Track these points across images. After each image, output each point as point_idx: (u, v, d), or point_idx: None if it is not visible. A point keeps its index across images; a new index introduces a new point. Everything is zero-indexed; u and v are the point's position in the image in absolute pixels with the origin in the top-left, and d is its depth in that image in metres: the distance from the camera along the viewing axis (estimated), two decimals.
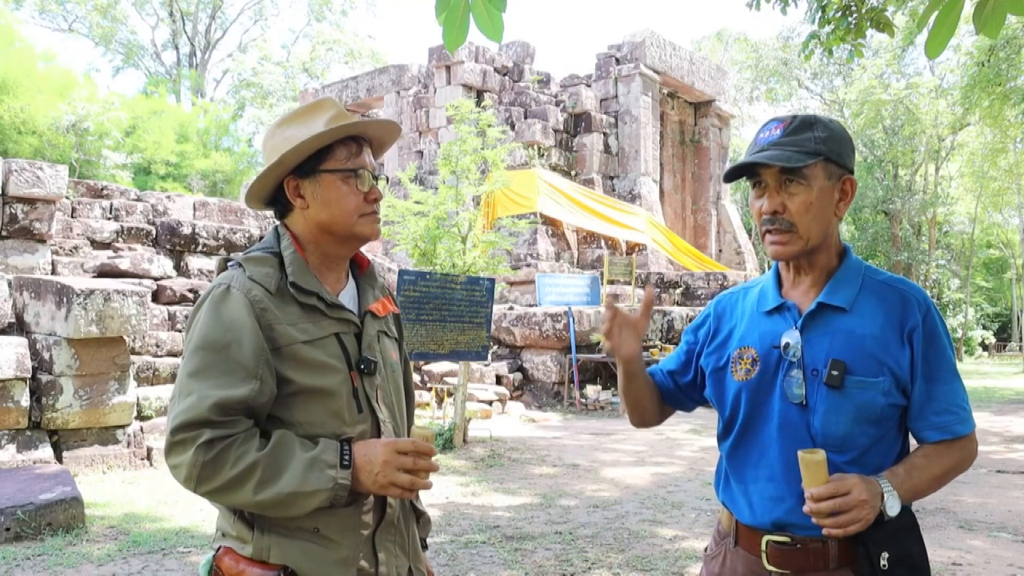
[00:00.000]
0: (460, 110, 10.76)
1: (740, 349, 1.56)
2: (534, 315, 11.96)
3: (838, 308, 1.48)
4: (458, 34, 2.37)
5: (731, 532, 1.58)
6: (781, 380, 1.49)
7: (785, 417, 1.48)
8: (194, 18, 38.47)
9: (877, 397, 1.43)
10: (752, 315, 1.58)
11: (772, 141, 1.46)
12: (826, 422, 1.44)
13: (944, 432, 1.46)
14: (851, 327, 1.46)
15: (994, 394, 15.68)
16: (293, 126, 1.47)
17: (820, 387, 1.45)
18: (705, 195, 21.72)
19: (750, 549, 1.53)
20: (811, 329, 1.49)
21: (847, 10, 6.34)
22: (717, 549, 1.62)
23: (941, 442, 1.47)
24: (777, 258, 1.52)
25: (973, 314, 39.64)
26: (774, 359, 1.50)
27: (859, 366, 1.43)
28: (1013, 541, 4.77)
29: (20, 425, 5.91)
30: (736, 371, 1.55)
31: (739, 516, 1.55)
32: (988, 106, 19.29)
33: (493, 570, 4.09)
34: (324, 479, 1.31)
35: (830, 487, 1.34)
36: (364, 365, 1.46)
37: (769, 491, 1.49)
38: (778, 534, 1.48)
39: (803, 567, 1.45)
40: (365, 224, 1.49)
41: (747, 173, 1.50)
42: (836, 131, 1.47)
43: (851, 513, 1.34)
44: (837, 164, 1.47)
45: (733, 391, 1.55)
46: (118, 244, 10.05)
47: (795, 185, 1.45)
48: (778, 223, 1.46)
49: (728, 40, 39.19)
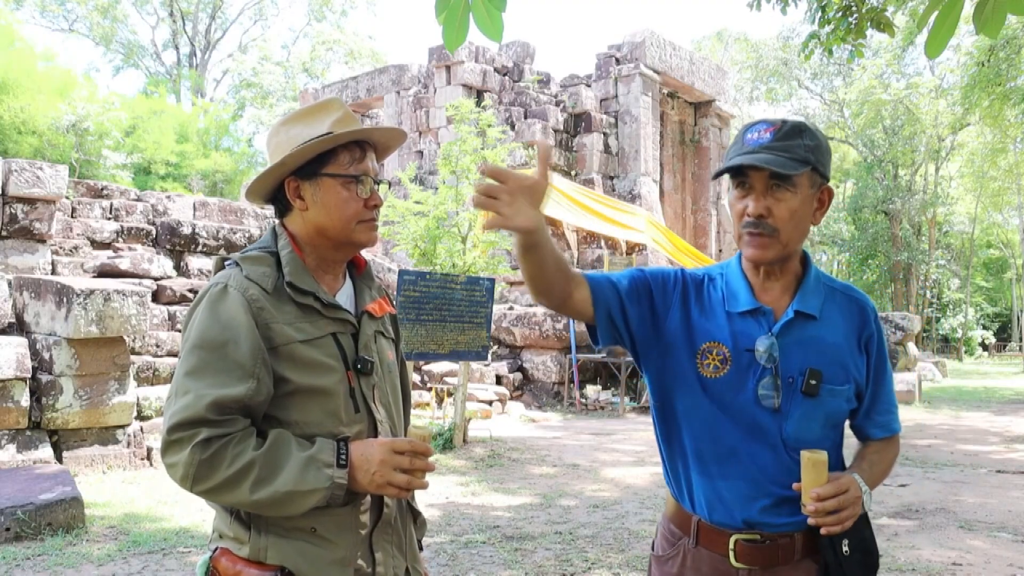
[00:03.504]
0: (460, 110, 10.76)
1: (709, 343, 1.53)
2: (534, 315, 11.96)
3: (810, 316, 1.52)
4: (458, 34, 2.37)
5: (690, 532, 1.56)
6: (753, 384, 1.49)
7: (755, 420, 1.49)
8: (194, 18, 38.47)
9: (842, 403, 1.53)
10: (720, 310, 1.56)
11: (763, 144, 1.46)
12: (799, 428, 1.49)
13: (886, 430, 1.62)
14: (822, 335, 1.52)
15: (994, 394, 15.68)
16: (298, 126, 1.47)
17: (796, 395, 1.48)
18: (705, 195, 21.72)
19: (714, 548, 1.52)
20: (787, 336, 1.50)
21: (847, 10, 6.34)
22: (673, 550, 1.59)
23: (883, 439, 1.62)
24: (754, 261, 1.52)
25: (973, 314, 39.64)
26: (746, 362, 1.50)
27: (830, 374, 1.51)
28: (1013, 541, 4.76)
29: (20, 425, 5.91)
30: (703, 366, 1.52)
31: (703, 511, 1.54)
32: (988, 106, 19.29)
33: (493, 570, 4.09)
34: (321, 478, 1.30)
35: (833, 486, 1.40)
36: (361, 365, 1.46)
37: (741, 490, 1.50)
38: (747, 532, 1.49)
39: (771, 562, 1.49)
40: (363, 231, 1.48)
41: (733, 173, 1.50)
42: (821, 141, 1.49)
43: (849, 510, 1.41)
44: (820, 174, 1.49)
45: (699, 385, 1.52)
46: (118, 244, 10.05)
47: (783, 191, 1.46)
48: (762, 227, 1.47)
49: (728, 40, 39.19)
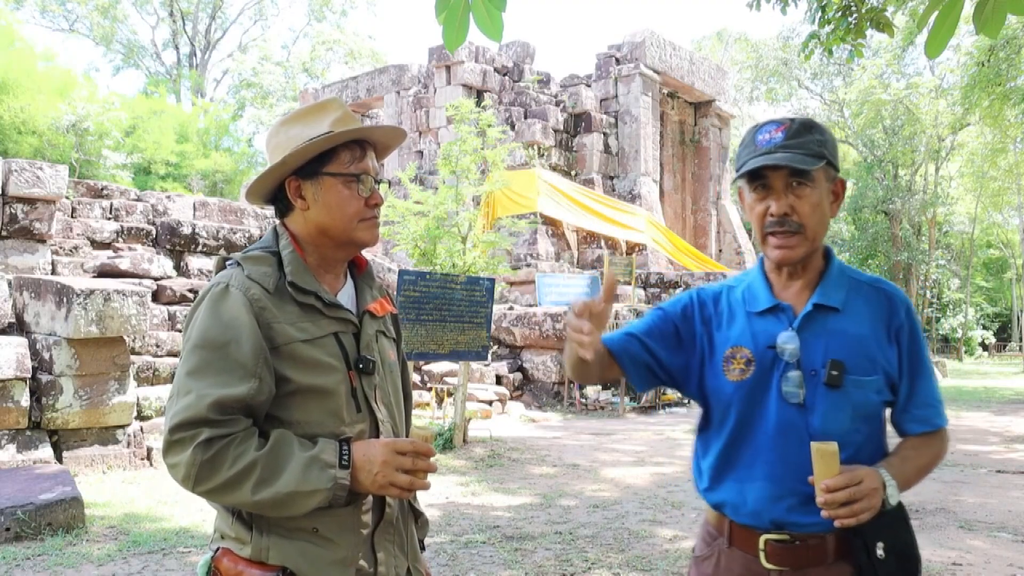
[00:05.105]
0: (460, 110, 10.77)
1: (732, 348, 1.55)
2: (534, 315, 11.96)
3: (832, 308, 1.51)
4: (458, 34, 2.37)
5: (724, 533, 1.57)
6: (777, 381, 1.50)
7: (783, 417, 1.49)
8: (194, 18, 38.47)
9: (871, 395, 1.49)
10: (741, 314, 1.58)
11: (777, 143, 1.47)
12: (825, 421, 1.47)
13: (927, 424, 1.55)
14: (845, 327, 1.50)
15: (994, 394, 15.68)
16: (298, 125, 1.47)
17: (819, 387, 1.47)
18: (705, 195, 21.73)
19: (746, 548, 1.53)
20: (807, 330, 1.50)
21: (847, 10, 6.34)
22: (709, 551, 1.61)
23: (924, 434, 1.55)
24: (783, 262, 1.52)
25: (973, 314, 39.64)
26: (769, 360, 1.51)
27: (855, 365, 1.48)
28: (1013, 541, 4.76)
29: (20, 425, 5.91)
30: (729, 371, 1.55)
31: (732, 514, 1.55)
32: (988, 106, 19.30)
33: (493, 570, 4.09)
34: (323, 479, 1.30)
35: (844, 478, 1.37)
36: (362, 364, 1.46)
37: (767, 491, 1.50)
38: (776, 532, 1.49)
39: (802, 563, 1.48)
40: (364, 229, 1.48)
41: (750, 176, 1.51)
42: (829, 135, 1.52)
43: (863, 502, 1.37)
44: (833, 167, 1.51)
45: (726, 391, 1.55)
46: (118, 244, 10.04)
47: (803, 187, 1.47)
48: (787, 225, 1.47)
49: (728, 40, 39.21)
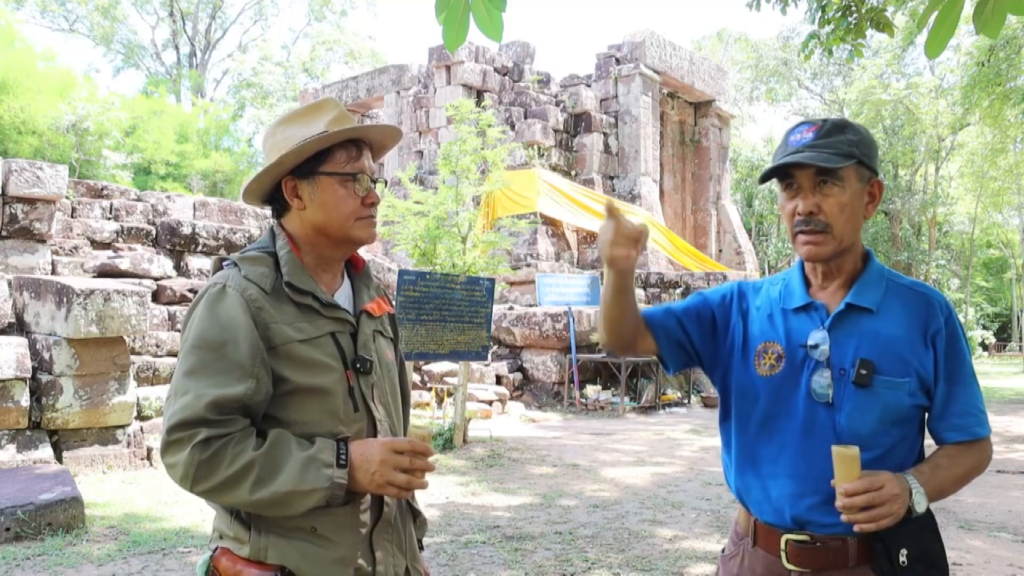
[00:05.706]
0: (460, 110, 10.77)
1: (765, 343, 1.56)
2: (534, 315, 11.96)
3: (865, 309, 1.50)
4: (458, 34, 2.37)
5: (749, 532, 1.58)
6: (807, 378, 1.50)
7: (810, 415, 1.49)
8: (194, 18, 38.46)
9: (903, 397, 1.46)
10: (776, 311, 1.58)
11: (806, 143, 1.47)
12: (852, 420, 1.46)
13: (964, 433, 1.49)
14: (878, 328, 1.49)
15: (994, 394, 15.68)
16: (294, 126, 1.47)
17: (848, 386, 1.46)
18: (705, 195, 21.72)
19: (769, 549, 1.53)
20: (838, 329, 1.50)
21: (847, 10, 6.34)
22: (735, 549, 1.62)
23: (961, 443, 1.50)
24: (811, 259, 1.52)
25: (973, 314, 39.62)
26: (800, 357, 1.51)
27: (886, 366, 1.46)
28: (1013, 541, 4.76)
29: (20, 425, 5.91)
30: (760, 365, 1.55)
31: (756, 511, 1.55)
32: (988, 106, 19.27)
33: (493, 570, 4.09)
34: (321, 478, 1.31)
35: (864, 482, 1.35)
36: (360, 364, 1.46)
37: (789, 488, 1.50)
38: (798, 532, 1.49)
39: (824, 565, 1.46)
40: (361, 228, 1.49)
41: (779, 175, 1.51)
42: (865, 135, 1.50)
43: (884, 507, 1.34)
44: (868, 167, 1.49)
45: (755, 385, 1.55)
46: (118, 244, 10.04)
47: (830, 186, 1.46)
48: (813, 224, 1.47)
49: (728, 40, 39.18)
